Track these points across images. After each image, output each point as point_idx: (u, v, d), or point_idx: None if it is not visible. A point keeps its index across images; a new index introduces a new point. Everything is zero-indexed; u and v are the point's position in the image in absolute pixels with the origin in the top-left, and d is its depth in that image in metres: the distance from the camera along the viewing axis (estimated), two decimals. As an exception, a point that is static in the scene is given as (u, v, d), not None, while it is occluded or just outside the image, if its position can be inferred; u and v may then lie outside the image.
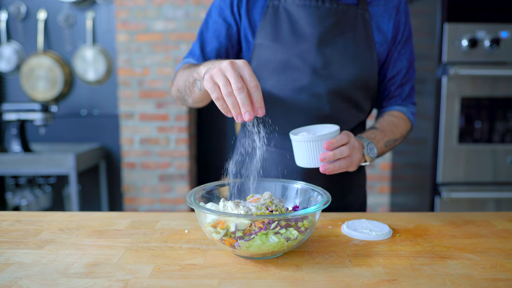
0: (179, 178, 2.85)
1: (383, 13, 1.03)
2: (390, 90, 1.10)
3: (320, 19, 0.98)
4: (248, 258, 0.69)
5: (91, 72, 2.92)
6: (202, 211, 0.68)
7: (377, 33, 1.03)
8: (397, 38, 1.05)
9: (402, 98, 1.11)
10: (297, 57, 0.97)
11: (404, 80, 1.09)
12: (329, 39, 0.98)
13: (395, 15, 1.04)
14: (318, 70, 0.97)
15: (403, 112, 1.10)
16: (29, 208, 2.71)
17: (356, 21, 1.00)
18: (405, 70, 1.08)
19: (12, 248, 0.74)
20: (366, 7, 1.02)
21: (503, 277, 0.63)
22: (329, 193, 0.76)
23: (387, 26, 1.03)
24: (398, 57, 1.07)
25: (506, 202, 2.13)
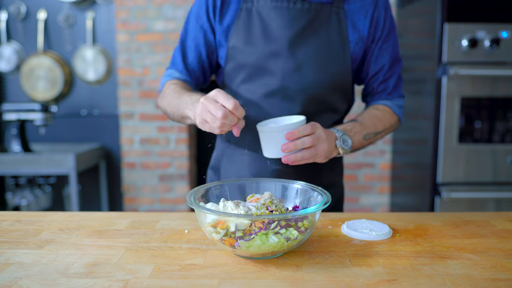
0: (179, 178, 2.85)
1: (359, 10, 1.01)
2: (373, 86, 1.09)
3: (291, 21, 0.96)
4: (248, 258, 0.69)
5: (91, 72, 2.92)
6: (202, 211, 0.68)
7: (352, 32, 1.00)
8: (376, 35, 1.03)
9: (387, 92, 1.09)
10: (269, 60, 0.97)
11: (387, 76, 1.07)
12: (301, 41, 0.97)
13: (373, 11, 1.01)
14: (289, 73, 0.97)
15: (389, 105, 1.09)
16: (29, 208, 2.71)
17: (330, 20, 0.98)
18: (388, 65, 1.06)
19: (12, 248, 0.74)
20: (341, 5, 0.99)
21: (503, 277, 0.63)
22: (329, 193, 0.76)
23: (363, 23, 1.01)
24: (379, 53, 1.05)
25: (506, 202, 2.13)
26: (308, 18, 0.97)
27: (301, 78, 0.97)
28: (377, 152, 2.83)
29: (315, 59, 0.97)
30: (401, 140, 2.66)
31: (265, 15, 0.97)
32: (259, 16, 0.98)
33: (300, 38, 0.97)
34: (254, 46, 0.97)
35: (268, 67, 0.97)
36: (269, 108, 0.99)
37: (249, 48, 0.97)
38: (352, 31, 1.00)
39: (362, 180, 2.85)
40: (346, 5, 1.00)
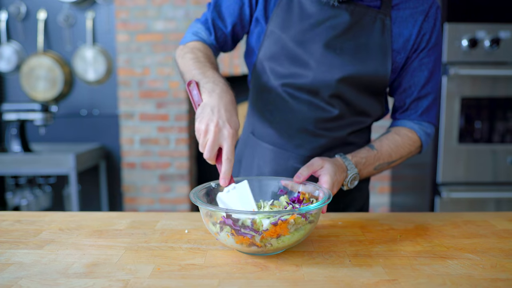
0: (179, 178, 2.85)
1: (408, 18, 0.94)
2: (405, 101, 1.01)
3: (332, 19, 0.92)
4: (251, 254, 0.70)
5: (91, 72, 2.92)
6: (219, 211, 0.68)
7: (396, 40, 0.94)
8: (420, 45, 0.96)
9: (418, 113, 1.01)
10: (304, 56, 0.94)
11: (422, 93, 0.99)
12: (337, 44, 0.93)
13: (422, 21, 0.94)
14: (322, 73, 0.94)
15: (415, 130, 1.01)
16: (29, 208, 2.71)
17: (373, 26, 0.93)
18: (424, 81, 0.98)
19: (12, 248, 0.74)
20: (388, 11, 0.93)
21: (503, 277, 0.63)
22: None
23: (410, 32, 0.94)
24: (418, 66, 0.97)
25: (506, 202, 2.13)
26: (351, 20, 0.92)
27: (331, 79, 0.93)
28: (377, 152, 2.83)
29: (348, 63, 0.93)
30: (401, 140, 2.66)
31: (306, 8, 0.94)
32: (300, 8, 0.95)
33: (338, 40, 0.93)
34: (291, 37, 0.95)
35: (302, 62, 0.95)
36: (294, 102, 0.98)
37: (285, 37, 0.95)
38: (396, 40, 0.94)
39: (362, 180, 2.85)
40: (395, 11, 0.94)
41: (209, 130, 0.74)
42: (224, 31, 1.01)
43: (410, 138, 1.00)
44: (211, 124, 0.74)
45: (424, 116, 1.01)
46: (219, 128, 0.74)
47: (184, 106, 2.80)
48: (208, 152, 0.74)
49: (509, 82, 2.05)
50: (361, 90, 0.96)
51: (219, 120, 0.74)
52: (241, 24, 1.01)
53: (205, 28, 1.01)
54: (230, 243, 0.68)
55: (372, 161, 0.95)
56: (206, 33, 1.01)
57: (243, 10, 1.00)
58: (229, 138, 0.74)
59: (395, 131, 1.02)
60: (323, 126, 0.98)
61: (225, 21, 1.00)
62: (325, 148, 1.00)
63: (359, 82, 0.94)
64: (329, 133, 0.99)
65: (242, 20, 1.01)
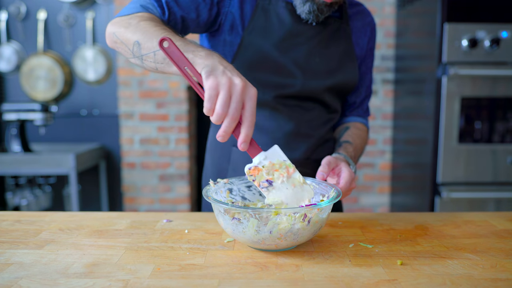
0: (179, 178, 2.85)
1: (361, 29, 1.07)
2: (355, 101, 1.14)
3: (309, 30, 0.98)
4: (261, 250, 0.70)
5: (91, 72, 2.92)
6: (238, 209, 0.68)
7: (356, 48, 1.06)
8: (368, 52, 1.10)
9: (363, 109, 1.16)
10: (289, 65, 0.96)
11: (367, 92, 1.15)
12: (316, 53, 0.99)
13: (370, 31, 1.08)
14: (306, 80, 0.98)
15: (365, 123, 1.16)
16: (29, 208, 2.71)
17: (340, 34, 1.02)
18: (369, 82, 1.14)
19: (12, 248, 0.74)
20: (347, 21, 1.04)
21: (503, 277, 0.63)
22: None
23: (363, 41, 1.07)
24: (365, 70, 1.11)
25: (506, 202, 2.13)
26: (323, 30, 0.99)
27: (315, 86, 0.99)
28: (377, 152, 2.83)
29: (327, 70, 1.00)
30: (401, 140, 2.66)
31: (284, 18, 0.97)
32: (277, 17, 0.97)
33: (316, 49, 0.98)
34: (273, 46, 0.96)
35: (285, 70, 0.96)
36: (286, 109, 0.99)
37: (267, 46, 0.95)
38: (355, 48, 1.06)
39: (362, 180, 2.85)
40: (351, 22, 1.05)
41: (234, 83, 0.64)
42: (177, 16, 0.89)
43: (365, 131, 1.14)
44: (234, 78, 0.64)
45: (367, 112, 1.18)
46: (245, 83, 0.65)
47: (184, 106, 2.80)
48: (234, 108, 0.63)
49: (509, 82, 2.05)
50: (336, 94, 1.04)
51: (239, 77, 0.65)
52: (197, 20, 0.92)
53: (157, 5, 0.86)
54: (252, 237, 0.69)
55: (355, 153, 1.03)
56: (157, 11, 0.86)
57: (201, 8, 0.91)
58: (254, 97, 0.66)
59: (354, 126, 1.12)
60: (311, 125, 1.02)
61: (181, 7, 0.89)
62: (313, 148, 1.03)
63: (337, 88, 1.02)
64: (316, 132, 1.03)
65: (198, 16, 0.91)
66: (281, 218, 0.68)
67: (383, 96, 2.77)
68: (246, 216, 0.69)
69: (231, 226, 0.70)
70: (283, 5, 0.97)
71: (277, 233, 0.67)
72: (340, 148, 1.01)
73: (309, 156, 1.03)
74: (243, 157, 1.01)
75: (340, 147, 1.01)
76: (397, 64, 2.71)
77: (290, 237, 0.68)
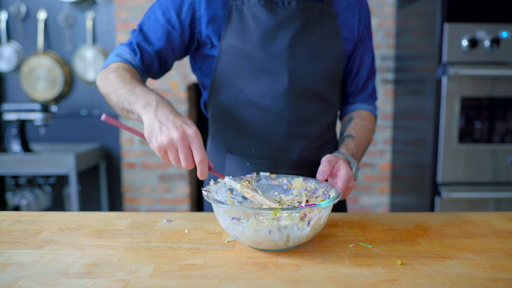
0: (179, 178, 2.85)
1: (347, 9, 1.02)
2: (358, 84, 1.10)
3: (288, 20, 0.95)
4: (261, 250, 0.70)
5: (91, 72, 2.92)
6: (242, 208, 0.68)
7: (344, 29, 1.02)
8: (363, 33, 1.05)
9: (368, 93, 1.12)
10: (271, 61, 0.94)
11: (369, 75, 1.10)
12: (299, 40, 0.96)
13: (359, 10, 1.04)
14: (293, 73, 0.95)
15: (370, 110, 1.12)
16: (29, 208, 2.71)
17: (323, 18, 0.98)
18: (370, 64, 1.09)
19: (12, 248, 0.74)
20: (330, 3, 1.00)
21: (503, 277, 0.63)
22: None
23: (352, 21, 1.03)
24: (364, 51, 1.08)
25: (506, 202, 2.13)
26: (304, 17, 0.96)
27: (303, 77, 0.96)
28: (377, 152, 2.83)
29: (314, 57, 0.97)
30: (401, 140, 2.66)
31: (259, 15, 0.95)
32: (253, 15, 0.95)
33: (299, 37, 0.96)
34: (254, 46, 0.94)
35: (270, 67, 0.95)
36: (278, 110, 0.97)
37: (248, 48, 0.94)
38: (344, 29, 1.02)
39: (362, 180, 2.85)
40: (335, 3, 1.01)
41: (173, 140, 0.70)
42: (151, 53, 0.95)
43: (371, 119, 1.10)
44: (172, 134, 0.70)
45: (373, 95, 1.13)
46: (181, 133, 0.70)
47: (184, 106, 2.80)
48: (186, 161, 0.72)
49: (509, 82, 2.05)
50: (328, 82, 1.01)
51: (176, 126, 0.71)
52: (171, 48, 0.96)
53: (130, 50, 0.95)
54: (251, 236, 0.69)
55: (358, 148, 1.00)
56: (131, 54, 0.94)
57: (172, 35, 0.95)
58: (195, 137, 0.71)
59: (358, 116, 1.09)
60: (307, 124, 1.00)
61: (152, 44, 0.95)
62: (309, 148, 1.01)
63: (327, 75, 0.99)
64: (312, 130, 1.01)
65: (171, 44, 0.96)
66: (281, 218, 0.68)
67: (383, 96, 2.77)
68: (245, 216, 0.69)
69: (231, 226, 0.70)
70: (256, 1, 0.94)
71: (277, 233, 0.67)
72: (342, 146, 0.99)
73: (306, 157, 1.01)
74: (238, 164, 1.01)
75: (342, 144, 0.99)
76: (397, 64, 2.71)
77: (289, 237, 0.68)
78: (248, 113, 0.98)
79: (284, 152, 0.99)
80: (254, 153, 1.00)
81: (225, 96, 1.00)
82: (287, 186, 0.87)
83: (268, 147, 0.99)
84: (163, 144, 0.71)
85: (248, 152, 1.00)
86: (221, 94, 1.00)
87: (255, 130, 0.98)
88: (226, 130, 1.02)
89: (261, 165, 0.99)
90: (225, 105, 1.00)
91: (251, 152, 1.00)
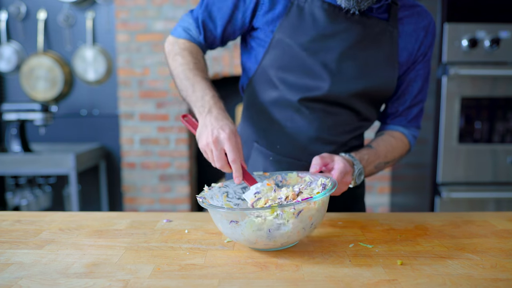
0: (179, 178, 2.85)
1: (412, 33, 0.98)
2: (398, 108, 1.06)
3: (346, 31, 0.92)
4: (260, 250, 0.70)
5: (91, 72, 2.92)
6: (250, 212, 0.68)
7: (401, 54, 0.98)
8: (418, 59, 1.00)
9: (408, 119, 1.07)
10: (317, 66, 0.93)
11: (414, 102, 1.05)
12: (350, 54, 0.93)
13: (423, 37, 0.99)
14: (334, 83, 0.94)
15: (405, 134, 1.07)
16: (29, 208, 2.71)
17: (383, 38, 0.95)
18: (418, 90, 1.04)
19: (12, 248, 0.74)
20: (396, 24, 0.96)
21: (503, 277, 0.63)
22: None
23: (413, 46, 0.98)
24: (414, 77, 1.02)
25: (506, 202, 2.13)
26: (363, 32, 0.93)
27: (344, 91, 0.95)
28: (377, 152, 2.83)
29: (360, 75, 0.94)
30: (401, 140, 2.66)
31: (318, 17, 0.92)
32: (312, 16, 0.93)
33: (351, 51, 0.93)
34: (304, 47, 0.93)
35: (314, 72, 0.94)
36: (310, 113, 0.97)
37: (298, 48, 0.93)
38: (402, 53, 0.98)
39: (362, 180, 2.85)
40: (401, 25, 0.97)
41: (208, 143, 0.81)
42: (214, 32, 1.00)
43: (402, 141, 1.05)
44: (208, 138, 0.81)
45: (413, 122, 1.08)
46: (214, 137, 0.80)
47: (184, 106, 2.80)
48: (218, 161, 0.80)
49: (509, 82, 2.05)
50: (368, 100, 0.99)
51: (213, 130, 0.80)
52: (232, 28, 0.99)
53: (195, 26, 1.00)
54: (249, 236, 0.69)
55: (373, 158, 0.97)
56: (196, 31, 1.00)
57: (235, 15, 0.97)
58: (226, 141, 0.79)
59: (389, 133, 1.06)
60: (335, 131, 0.99)
61: (215, 23, 0.98)
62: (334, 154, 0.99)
63: (369, 94, 0.97)
64: (339, 138, 1.00)
65: (233, 25, 0.98)
66: (277, 215, 0.68)
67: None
68: (243, 218, 0.69)
69: (230, 229, 0.70)
70: (319, 4, 0.92)
71: (276, 232, 0.67)
72: (355, 151, 0.97)
73: None
74: (262, 156, 1.02)
75: (357, 151, 0.98)
76: (397, 64, 2.71)
77: (288, 233, 0.68)
78: (281, 109, 0.98)
79: (307, 154, 0.99)
80: (278, 149, 1.00)
81: (263, 86, 1.00)
82: (282, 182, 0.86)
83: (292, 147, 0.99)
84: (203, 146, 0.82)
85: (273, 147, 1.01)
86: (260, 84, 1.00)
87: (283, 127, 0.99)
88: (257, 120, 1.03)
89: (283, 162, 1.00)
90: (261, 95, 1.01)
91: (276, 148, 1.01)
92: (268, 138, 1.01)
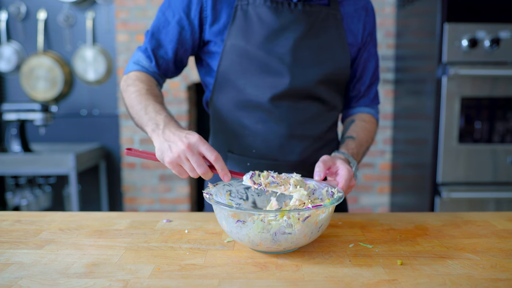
0: (179, 178, 2.85)
1: (353, 14, 1.03)
2: (360, 90, 1.10)
3: (294, 23, 0.95)
4: (262, 252, 0.70)
5: (91, 72, 2.92)
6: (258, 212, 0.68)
7: (348, 34, 1.02)
8: (367, 38, 1.05)
9: (370, 98, 1.12)
10: (274, 62, 0.95)
11: (372, 80, 1.10)
12: (303, 43, 0.96)
13: (365, 16, 1.04)
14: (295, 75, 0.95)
15: (372, 114, 1.12)
16: (29, 208, 2.71)
17: (328, 23, 0.99)
18: (373, 69, 1.09)
19: (12, 248, 0.74)
20: (337, 7, 1.00)
21: (503, 277, 0.63)
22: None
23: (357, 27, 1.03)
24: (368, 57, 1.08)
25: (506, 202, 2.13)
26: (309, 21, 0.96)
27: (305, 80, 0.96)
28: (377, 152, 2.83)
29: (317, 61, 0.97)
30: (401, 140, 2.66)
31: (264, 16, 0.95)
32: (258, 16, 0.95)
33: (303, 41, 0.96)
34: (257, 47, 0.94)
35: (272, 69, 0.95)
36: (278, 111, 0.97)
37: (251, 48, 0.95)
38: (349, 34, 1.02)
39: (362, 180, 2.85)
40: (341, 7, 1.01)
41: (180, 153, 0.75)
42: (165, 57, 0.99)
43: (372, 122, 1.11)
44: (179, 147, 0.75)
45: (375, 99, 1.13)
46: (187, 143, 0.75)
47: (184, 106, 2.80)
48: (200, 167, 0.75)
49: (509, 82, 2.05)
50: (330, 86, 1.01)
51: (181, 139, 0.76)
52: (184, 48, 0.99)
53: (145, 56, 0.99)
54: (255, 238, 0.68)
55: (359, 149, 1.01)
56: (146, 61, 0.99)
57: (183, 35, 0.97)
58: (200, 142, 0.75)
59: (360, 118, 1.09)
60: (307, 126, 1.00)
61: (165, 48, 0.98)
62: (310, 149, 1.01)
63: (329, 79, 0.99)
64: (312, 132, 1.01)
65: (184, 45, 0.98)
66: (286, 220, 0.67)
67: (383, 96, 2.77)
68: (252, 219, 0.69)
69: (235, 228, 0.70)
70: (262, 2, 0.95)
71: (281, 236, 0.67)
72: (342, 146, 0.99)
73: (306, 158, 1.01)
74: (238, 164, 1.01)
75: (342, 145, 1.00)
76: (397, 64, 2.71)
77: (294, 238, 0.68)
78: (249, 113, 0.98)
79: (284, 153, 0.99)
80: (254, 153, 1.00)
81: (226, 95, 1.00)
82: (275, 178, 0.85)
83: (268, 148, 0.99)
84: (174, 159, 0.76)
85: (248, 152, 1.00)
86: (223, 93, 1.00)
87: (255, 130, 0.98)
88: (227, 129, 1.02)
89: (261, 165, 0.99)
90: (226, 104, 1.00)
91: (252, 152, 1.00)
92: (242, 144, 1.01)
